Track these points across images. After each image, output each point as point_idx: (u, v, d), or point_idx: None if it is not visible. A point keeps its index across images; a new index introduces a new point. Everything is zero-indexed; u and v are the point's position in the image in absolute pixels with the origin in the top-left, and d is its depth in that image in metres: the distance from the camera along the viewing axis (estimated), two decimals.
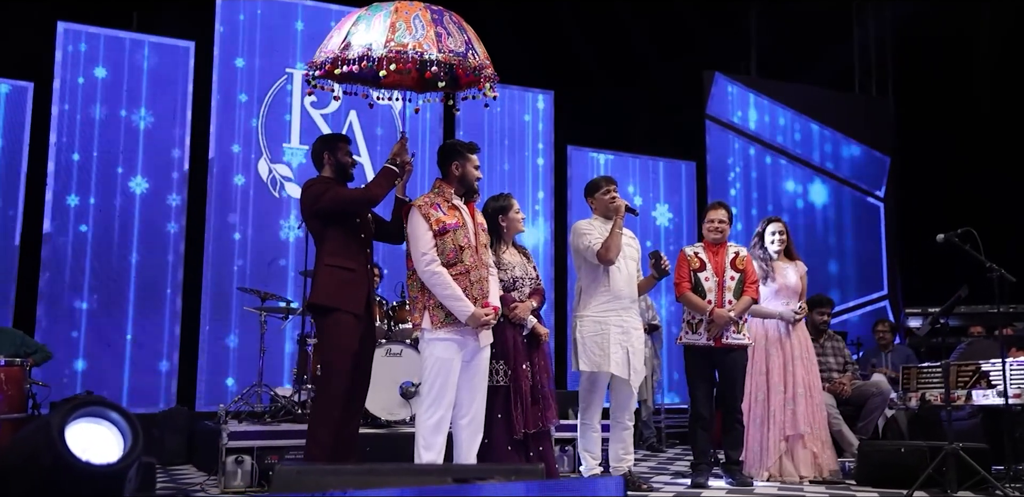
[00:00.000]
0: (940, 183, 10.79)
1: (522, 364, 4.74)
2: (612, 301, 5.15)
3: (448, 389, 4.36)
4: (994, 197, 10.15)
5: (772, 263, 5.89)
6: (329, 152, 4.63)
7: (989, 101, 10.73)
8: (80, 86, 7.53)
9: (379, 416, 6.17)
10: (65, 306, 7.27)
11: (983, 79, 10.85)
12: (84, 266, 7.36)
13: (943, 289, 10.16)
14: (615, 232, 5.13)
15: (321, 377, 4.41)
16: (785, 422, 5.63)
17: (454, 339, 4.39)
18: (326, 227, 4.49)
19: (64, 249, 7.31)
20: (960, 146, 10.77)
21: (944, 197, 10.73)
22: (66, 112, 7.45)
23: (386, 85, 4.95)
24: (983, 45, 10.90)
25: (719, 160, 10.55)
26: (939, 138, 10.90)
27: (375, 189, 4.49)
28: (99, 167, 7.51)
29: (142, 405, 7.26)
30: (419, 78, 4.92)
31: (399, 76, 4.90)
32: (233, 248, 7.92)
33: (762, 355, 5.76)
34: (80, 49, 7.56)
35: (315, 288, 4.45)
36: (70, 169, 7.41)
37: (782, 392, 5.68)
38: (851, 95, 11.76)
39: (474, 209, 4.66)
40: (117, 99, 7.65)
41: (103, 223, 7.48)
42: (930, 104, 11.06)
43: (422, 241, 4.42)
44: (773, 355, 5.76)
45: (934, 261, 10.59)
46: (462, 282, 4.40)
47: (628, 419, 5.19)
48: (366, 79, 4.86)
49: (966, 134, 10.74)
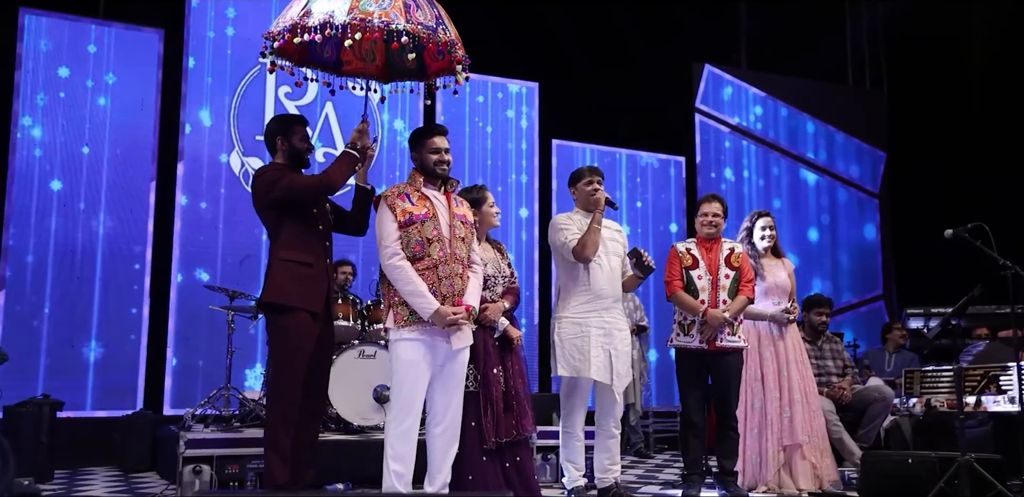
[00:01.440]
0: (937, 179, 10.48)
1: (493, 368, 4.40)
2: (592, 301, 4.80)
3: (417, 395, 4.01)
4: (992, 193, 9.85)
5: (760, 260, 5.56)
6: (283, 136, 4.26)
7: (984, 94, 10.48)
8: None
9: (351, 421, 5.92)
10: (26, 302, 6.87)
11: (977, 72, 10.61)
12: (47, 261, 6.97)
13: (942, 289, 10.06)
14: (593, 228, 4.80)
15: (275, 381, 4.03)
16: (782, 431, 5.29)
17: (420, 340, 4.03)
18: (281, 218, 4.12)
19: (25, 240, 6.91)
20: (956, 140, 10.51)
21: (941, 193, 10.44)
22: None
23: (349, 72, 4.61)
24: (977, 38, 10.65)
25: (709, 155, 10.22)
26: (934, 132, 10.66)
27: (333, 175, 4.11)
28: (64, 147, 7.13)
29: (107, 408, 6.90)
30: (384, 65, 4.61)
31: (362, 63, 4.56)
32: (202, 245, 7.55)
33: (755, 359, 5.41)
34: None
35: (268, 284, 4.08)
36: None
37: (777, 398, 5.35)
38: (844, 88, 11.46)
39: (452, 199, 4.30)
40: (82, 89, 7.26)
41: (69, 214, 7.10)
42: (924, 97, 10.80)
43: (385, 233, 4.08)
44: (767, 359, 5.42)
45: (932, 259, 10.37)
46: (429, 277, 4.04)
47: (614, 427, 4.82)
48: (327, 65, 4.52)
49: (961, 128, 10.48)
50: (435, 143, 4.23)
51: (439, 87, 4.56)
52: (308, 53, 4.40)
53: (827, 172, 10.97)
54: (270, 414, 4.04)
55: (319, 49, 4.38)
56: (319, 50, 4.40)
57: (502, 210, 5.31)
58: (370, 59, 4.54)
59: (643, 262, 4.88)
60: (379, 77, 4.65)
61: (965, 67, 10.74)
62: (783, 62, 10.80)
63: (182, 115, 7.60)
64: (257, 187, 4.14)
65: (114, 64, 7.39)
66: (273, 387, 4.03)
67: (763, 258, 5.57)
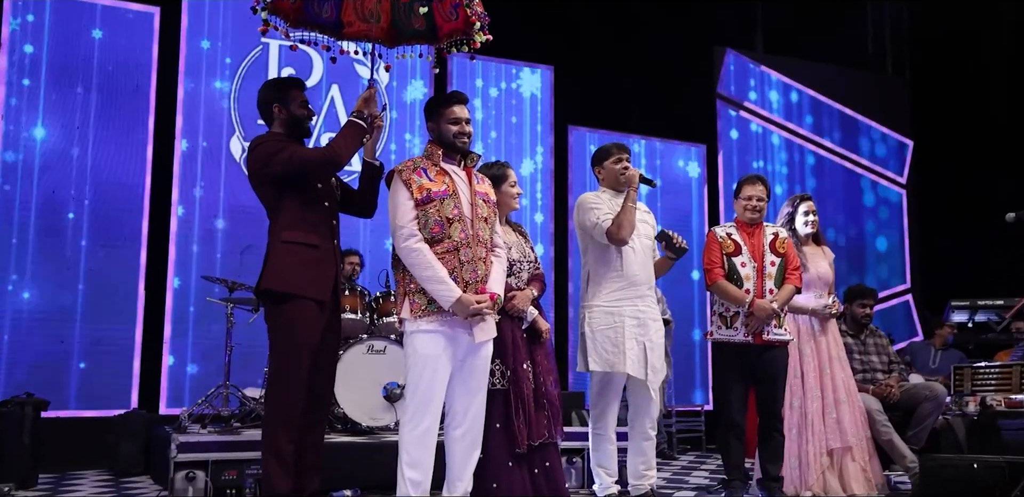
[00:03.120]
0: (965, 168, 10.05)
1: (522, 363, 3.96)
2: (627, 288, 4.37)
3: (435, 393, 3.57)
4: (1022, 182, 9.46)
5: (802, 248, 5.12)
6: (280, 102, 3.79)
7: (1010, 83, 10.05)
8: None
9: (360, 421, 5.52)
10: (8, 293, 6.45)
11: (1003, 60, 10.18)
12: (26, 251, 6.53)
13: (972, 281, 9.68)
14: (628, 206, 4.35)
15: (275, 378, 3.58)
16: (827, 433, 4.85)
17: (440, 331, 3.59)
18: (281, 196, 3.66)
19: (7, 230, 6.48)
20: (982, 129, 10.07)
21: (970, 182, 10.01)
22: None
23: (350, 35, 4.15)
24: (1004, 24, 10.21)
25: (731, 143, 9.78)
26: (961, 120, 10.22)
27: (339, 148, 3.65)
28: (52, 143, 6.69)
29: (97, 407, 6.47)
30: (389, 26, 4.13)
31: (365, 24, 4.08)
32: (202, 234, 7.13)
33: (794, 355, 4.93)
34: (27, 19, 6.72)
35: (268, 270, 3.62)
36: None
37: (819, 398, 4.90)
38: (867, 74, 11.01)
39: (472, 175, 3.85)
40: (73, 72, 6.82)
41: (56, 209, 6.66)
42: (948, 84, 10.41)
43: (400, 212, 3.64)
44: (807, 355, 4.97)
45: (961, 251, 9.96)
46: (449, 262, 3.61)
47: (649, 427, 4.38)
48: (326, 27, 4.07)
49: (988, 115, 10.04)
50: (454, 112, 3.79)
51: (451, 51, 4.11)
52: (305, 12, 3.95)
53: (852, 161, 10.53)
54: (269, 415, 3.59)
55: (317, 7, 3.93)
56: (317, 9, 3.94)
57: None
58: (375, 19, 4.04)
59: (674, 243, 4.45)
60: (384, 40, 4.16)
61: (990, 54, 10.35)
62: (799, 46, 10.37)
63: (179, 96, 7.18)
64: (253, 160, 3.68)
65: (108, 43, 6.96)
66: (273, 385, 3.58)
67: (805, 246, 5.13)
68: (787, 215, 5.17)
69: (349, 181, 4.09)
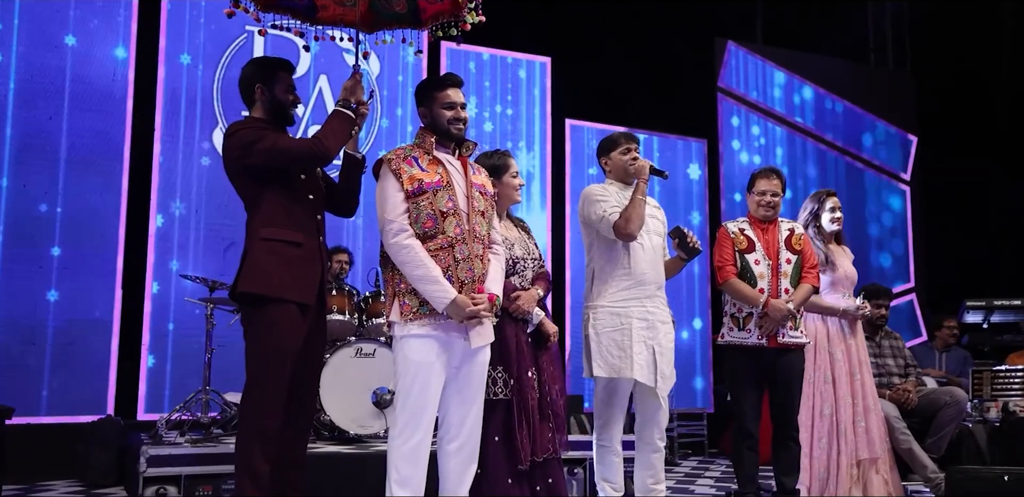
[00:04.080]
0: (971, 165, 9.77)
1: (527, 370, 3.63)
2: (635, 287, 4.04)
3: (428, 404, 3.25)
4: None
5: (828, 246, 4.81)
6: (263, 84, 3.45)
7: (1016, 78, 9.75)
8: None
9: (347, 429, 5.23)
10: None
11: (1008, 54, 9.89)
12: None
13: (978, 280, 9.41)
14: (636, 199, 4.03)
15: (251, 390, 3.24)
16: (858, 442, 4.53)
17: (433, 336, 3.27)
18: (260, 188, 3.33)
19: None
20: (989, 124, 9.80)
21: (974, 180, 9.74)
22: None
23: (325, 20, 3.84)
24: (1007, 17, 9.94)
25: (732, 138, 9.48)
26: (966, 115, 9.95)
27: (327, 139, 3.32)
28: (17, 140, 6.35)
29: (68, 413, 6.13)
30: (367, 9, 3.79)
31: (341, 8, 3.76)
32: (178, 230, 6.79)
33: (825, 359, 4.62)
34: None
35: (246, 270, 3.29)
36: None
37: (851, 405, 4.58)
38: (872, 68, 10.71)
39: (468, 165, 3.53)
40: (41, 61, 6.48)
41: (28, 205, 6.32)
42: (954, 78, 10.11)
43: (389, 205, 3.31)
44: (838, 359, 4.64)
45: (967, 249, 9.70)
46: (443, 259, 3.29)
47: (658, 438, 4.05)
48: (298, 10, 3.74)
49: (994, 111, 9.77)
50: (449, 96, 3.47)
51: (437, 36, 3.78)
52: None
53: (855, 156, 10.23)
54: (244, 431, 3.24)
55: None
56: None
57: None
58: (350, 3, 3.71)
59: (688, 243, 4.14)
60: (362, 25, 3.81)
61: (995, 47, 10.06)
62: (798, 39, 10.07)
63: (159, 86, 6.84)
64: (230, 148, 3.34)
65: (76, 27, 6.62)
66: (249, 398, 3.24)
67: (829, 244, 4.83)
68: (811, 212, 4.86)
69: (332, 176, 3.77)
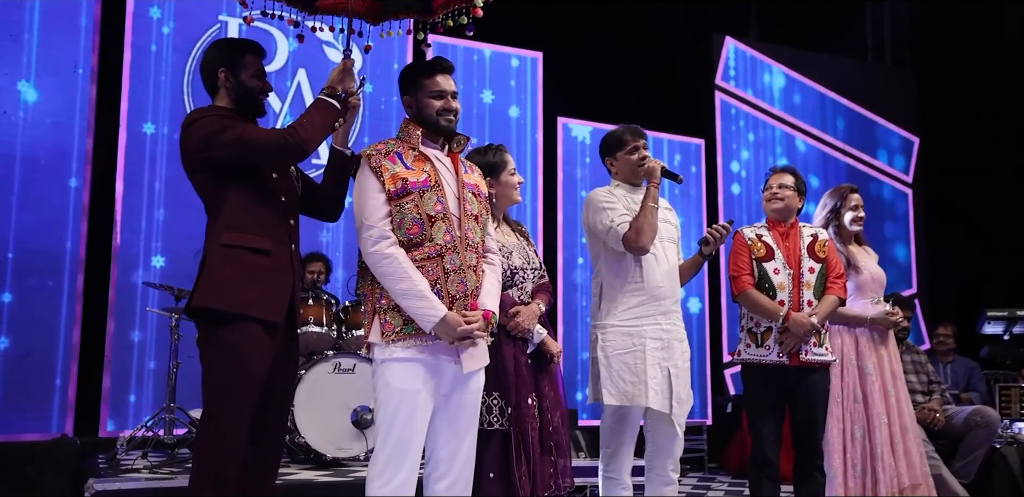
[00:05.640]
0: (974, 167, 9.43)
1: (526, 397, 3.21)
2: (648, 303, 3.63)
3: (414, 437, 2.82)
4: None
5: (848, 248, 4.41)
6: (228, 68, 3.01)
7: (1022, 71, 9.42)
8: None
9: (324, 452, 4.82)
10: None
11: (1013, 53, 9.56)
12: None
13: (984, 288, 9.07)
14: (648, 207, 3.62)
15: (208, 422, 2.80)
16: (898, 468, 4.08)
17: (419, 360, 2.85)
18: (224, 186, 2.89)
19: None
20: (993, 125, 9.46)
21: (978, 182, 9.40)
22: None
23: (324, 9, 3.41)
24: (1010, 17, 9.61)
25: (730, 137, 9.09)
26: (970, 116, 9.61)
27: (304, 131, 2.87)
28: None
29: (18, 431, 5.66)
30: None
31: None
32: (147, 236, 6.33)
33: (853, 375, 4.19)
34: None
35: (204, 282, 2.85)
36: None
37: (886, 425, 4.14)
38: (874, 66, 10.37)
39: (459, 162, 3.11)
40: None
41: None
42: (953, 79, 9.76)
43: (369, 208, 2.89)
44: (870, 374, 4.21)
45: (970, 255, 9.34)
46: (431, 271, 2.87)
47: (672, 470, 3.64)
48: None
49: (998, 111, 9.43)
50: (438, 83, 3.04)
51: (447, 25, 3.37)
52: None
53: (856, 158, 9.87)
54: (197, 471, 2.79)
55: None
56: None
57: None
58: None
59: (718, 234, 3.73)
60: (367, 16, 3.43)
61: (999, 45, 9.74)
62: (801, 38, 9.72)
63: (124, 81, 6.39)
64: (189, 139, 2.89)
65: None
66: (205, 433, 2.80)
67: (850, 245, 4.43)
68: (832, 209, 4.44)
69: (314, 176, 3.33)
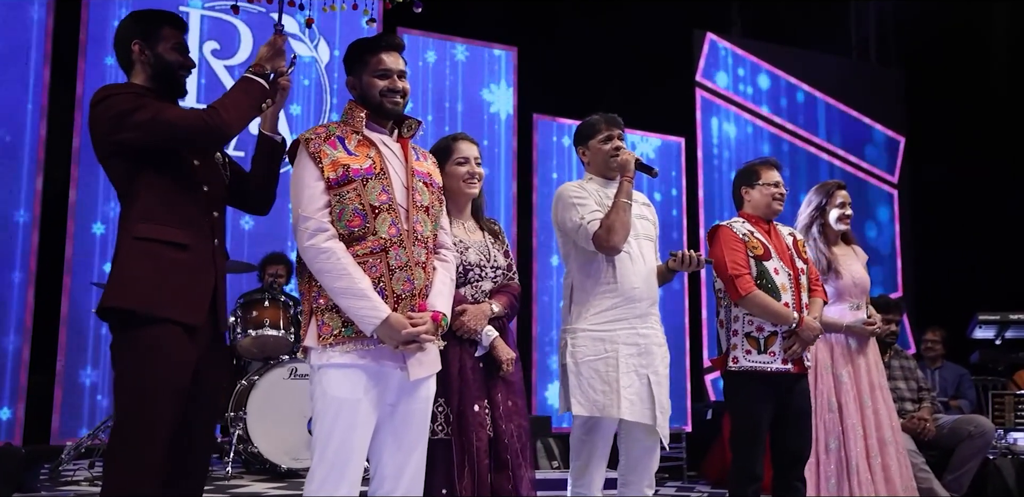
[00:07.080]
0: (960, 167, 9.27)
1: (472, 404, 2.92)
2: (622, 306, 3.37)
3: (353, 452, 2.55)
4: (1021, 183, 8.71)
5: (832, 249, 4.16)
6: (143, 40, 2.73)
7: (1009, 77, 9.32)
8: None
9: (278, 462, 4.54)
10: None
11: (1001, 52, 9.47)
12: None
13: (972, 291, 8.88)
14: (620, 203, 3.36)
15: (119, 438, 2.50)
16: (875, 483, 3.85)
17: (360, 366, 2.58)
18: (137, 173, 2.60)
19: None
20: (981, 125, 9.30)
21: (965, 183, 9.23)
22: None
23: None
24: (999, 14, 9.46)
25: (711, 135, 8.87)
26: (955, 115, 9.46)
27: (226, 111, 2.60)
28: None
29: None
30: None
31: None
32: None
33: (828, 383, 3.97)
34: None
35: (114, 279, 2.56)
36: None
37: (862, 437, 3.91)
38: (858, 64, 10.21)
39: (410, 148, 2.83)
40: None
41: None
42: (939, 78, 9.65)
43: (306, 197, 2.61)
44: (845, 383, 3.98)
45: (957, 257, 9.15)
46: (374, 267, 2.59)
47: (647, 486, 3.39)
48: None
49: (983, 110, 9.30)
50: (383, 62, 2.76)
51: (396, 2, 3.12)
52: None
53: (841, 158, 9.68)
54: (108, 482, 2.49)
55: None
56: None
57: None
58: None
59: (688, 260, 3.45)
60: None
61: (986, 44, 9.64)
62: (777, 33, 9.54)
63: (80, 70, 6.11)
64: (98, 120, 2.59)
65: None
66: (117, 449, 2.50)
67: (834, 245, 4.18)
68: (817, 206, 4.19)
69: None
